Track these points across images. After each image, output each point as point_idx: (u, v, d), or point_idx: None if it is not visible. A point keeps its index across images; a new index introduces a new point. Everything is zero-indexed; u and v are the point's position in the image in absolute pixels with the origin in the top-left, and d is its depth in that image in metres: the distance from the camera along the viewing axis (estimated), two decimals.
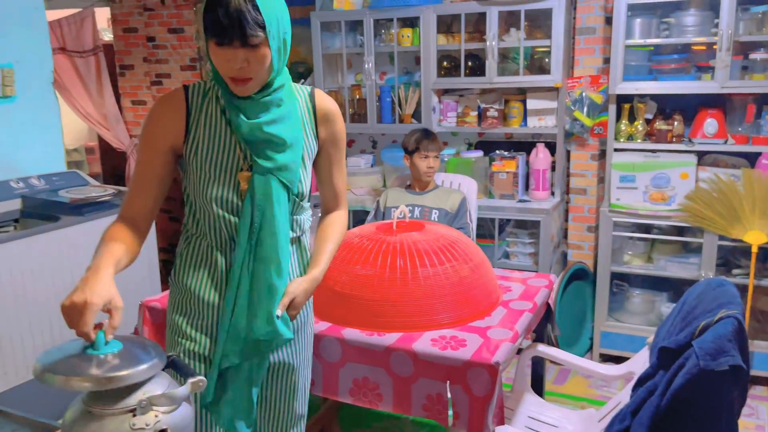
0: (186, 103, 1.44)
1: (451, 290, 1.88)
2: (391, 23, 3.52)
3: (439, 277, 1.88)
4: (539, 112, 3.34)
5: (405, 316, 1.84)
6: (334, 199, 1.65)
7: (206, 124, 1.43)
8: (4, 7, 3.11)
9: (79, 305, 1.14)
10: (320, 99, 1.53)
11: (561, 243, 3.48)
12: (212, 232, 1.46)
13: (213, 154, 1.42)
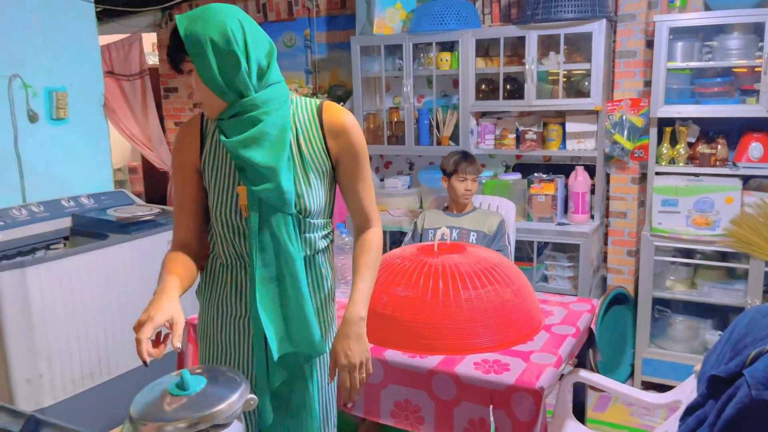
0: (201, 126, 1.52)
1: (494, 313, 1.88)
2: (430, 47, 3.56)
3: (481, 300, 1.88)
4: (578, 135, 3.33)
5: (447, 339, 1.84)
6: (364, 217, 1.57)
7: (212, 145, 1.50)
8: (61, 33, 3.25)
9: (143, 321, 1.24)
10: (328, 112, 1.49)
11: (600, 267, 3.44)
12: (223, 251, 1.51)
13: (217, 174, 1.48)
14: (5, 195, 3.01)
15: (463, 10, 3.44)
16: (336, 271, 2.35)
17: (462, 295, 1.88)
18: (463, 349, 1.83)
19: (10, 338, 2.49)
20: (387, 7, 3.65)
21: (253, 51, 1.38)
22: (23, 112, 3.11)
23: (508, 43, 3.39)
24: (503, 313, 1.89)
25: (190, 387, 1.16)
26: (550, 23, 3.15)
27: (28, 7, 3.10)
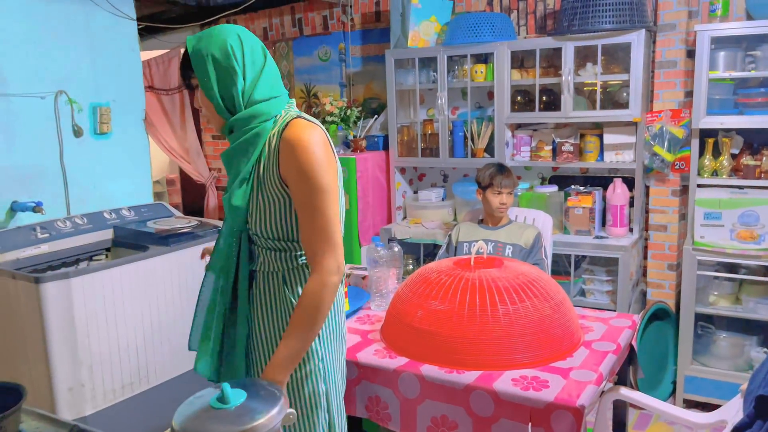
0: None
1: (532, 329, 1.85)
2: (465, 59, 3.56)
3: (519, 315, 1.86)
4: (616, 146, 3.27)
5: (484, 354, 1.82)
6: (308, 256, 1.44)
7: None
8: (105, 50, 3.35)
9: None
10: (289, 129, 1.43)
11: (640, 281, 3.37)
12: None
13: None
14: (51, 207, 3.10)
15: (498, 22, 3.43)
16: (371, 283, 2.36)
17: (499, 309, 1.86)
18: (500, 365, 1.81)
19: (53, 347, 2.55)
20: (422, 20, 3.66)
21: (249, 67, 1.46)
22: (69, 127, 3.20)
23: (544, 54, 3.37)
24: (542, 329, 1.87)
25: (231, 400, 1.17)
26: (587, 34, 3.11)
27: (74, 26, 3.21)
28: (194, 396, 1.22)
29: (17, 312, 2.63)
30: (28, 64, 3.03)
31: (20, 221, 3.00)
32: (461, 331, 1.86)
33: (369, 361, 1.91)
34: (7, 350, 2.77)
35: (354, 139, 3.95)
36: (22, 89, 3.01)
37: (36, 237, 2.90)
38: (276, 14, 4.62)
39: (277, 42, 4.71)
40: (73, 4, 3.20)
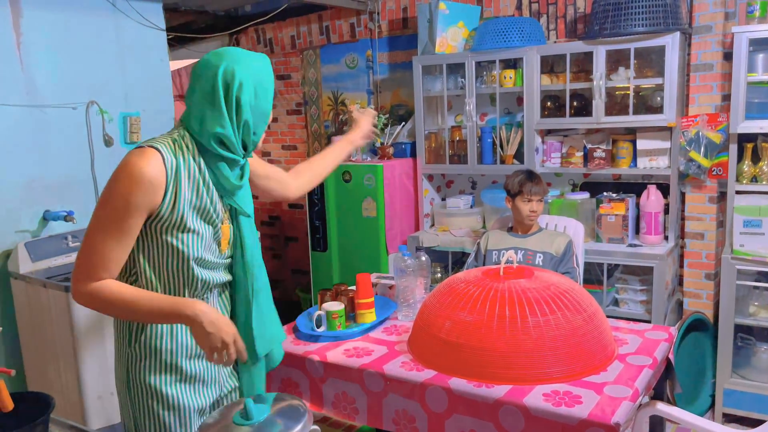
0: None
1: (564, 342, 1.80)
2: (493, 65, 3.51)
3: (550, 327, 1.80)
4: (650, 152, 3.19)
5: (514, 368, 1.77)
6: None
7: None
8: (135, 60, 3.39)
9: (234, 334, 1.45)
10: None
11: (676, 290, 3.27)
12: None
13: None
14: (82, 217, 3.14)
15: (528, 26, 3.38)
16: (398, 293, 2.32)
17: (530, 321, 1.81)
18: (531, 378, 1.76)
19: (83, 355, 2.58)
20: (449, 25, 3.63)
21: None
22: (99, 137, 3.25)
23: (575, 58, 3.30)
24: (574, 342, 1.81)
25: (254, 416, 1.15)
26: (620, 37, 3.04)
27: (104, 37, 3.26)
28: (217, 411, 1.20)
29: (49, 320, 2.67)
30: (61, 76, 3.08)
31: (52, 230, 3.04)
32: (490, 343, 1.81)
33: (396, 373, 1.88)
34: (40, 358, 2.81)
35: (381, 146, 3.93)
36: (54, 100, 3.06)
37: (67, 246, 2.94)
38: (303, 22, 4.63)
39: (304, 50, 4.72)
40: (104, 16, 3.24)
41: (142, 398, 1.52)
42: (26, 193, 2.97)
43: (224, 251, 1.56)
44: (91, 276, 1.40)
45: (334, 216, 3.94)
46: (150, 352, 1.50)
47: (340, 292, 2.32)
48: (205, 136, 1.44)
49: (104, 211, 1.40)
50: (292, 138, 4.99)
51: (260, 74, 1.48)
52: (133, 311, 1.43)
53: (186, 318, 1.40)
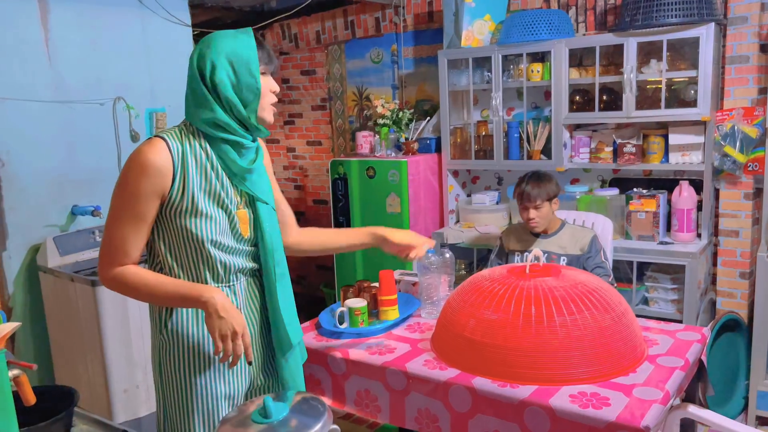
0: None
1: (591, 342, 1.75)
2: (520, 58, 3.45)
3: (578, 326, 1.75)
4: (683, 147, 3.10)
5: (540, 368, 1.73)
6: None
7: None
8: (161, 57, 3.41)
9: (244, 326, 1.45)
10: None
11: (709, 290, 3.18)
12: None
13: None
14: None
15: (556, 19, 3.30)
16: (422, 290, 2.29)
17: (556, 320, 1.76)
18: (557, 379, 1.71)
19: (109, 349, 2.60)
20: (476, 19, 3.57)
21: None
22: (126, 133, 3.27)
23: (604, 51, 3.22)
24: (602, 342, 1.76)
25: (273, 415, 1.13)
26: (652, 29, 2.96)
27: (131, 34, 3.28)
28: (236, 409, 1.18)
29: (76, 314, 2.70)
30: (88, 72, 3.12)
31: (80, 225, 3.08)
32: (515, 342, 1.77)
33: (418, 371, 1.85)
34: (68, 352, 2.85)
35: (406, 141, 3.90)
36: (82, 96, 3.09)
37: (95, 240, 2.97)
38: (328, 17, 4.61)
39: (329, 45, 4.71)
40: (130, 12, 3.27)
41: (171, 384, 1.56)
42: (55, 188, 3.01)
43: (246, 236, 1.57)
44: (113, 261, 1.47)
45: (359, 212, 3.92)
46: (178, 338, 1.54)
47: (363, 288, 2.30)
48: (199, 123, 1.48)
49: (118, 200, 1.46)
50: (316, 134, 4.99)
51: (234, 50, 1.46)
52: (154, 295, 1.48)
53: (201, 302, 1.43)
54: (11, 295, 2.91)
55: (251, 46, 1.47)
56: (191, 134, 1.49)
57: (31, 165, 2.92)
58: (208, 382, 1.55)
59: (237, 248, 1.56)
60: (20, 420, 1.25)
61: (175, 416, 1.57)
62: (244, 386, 1.62)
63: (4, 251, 2.87)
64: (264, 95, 1.50)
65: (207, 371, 1.55)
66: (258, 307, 1.64)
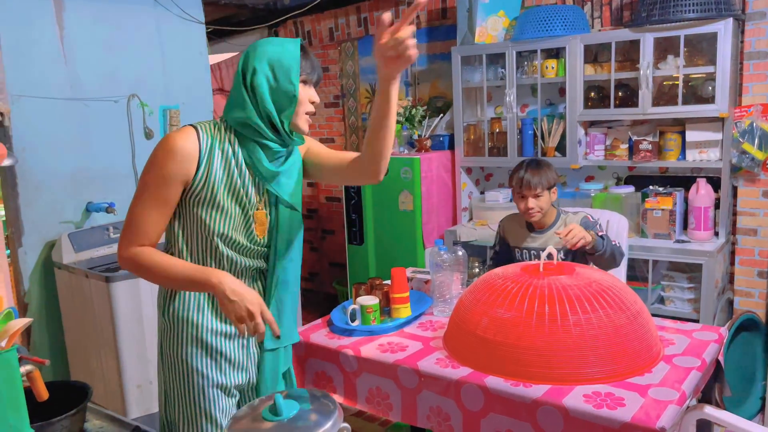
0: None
1: (605, 340, 1.72)
2: (534, 55, 3.42)
3: (592, 325, 1.73)
4: (700, 144, 3.05)
5: (553, 367, 1.71)
6: None
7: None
8: (175, 54, 3.42)
9: (260, 304, 1.45)
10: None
11: (726, 289, 3.13)
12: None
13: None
14: (123, 208, 3.19)
15: (571, 14, 3.27)
16: (434, 288, 2.28)
17: (570, 319, 1.74)
18: (571, 378, 1.69)
19: (123, 345, 2.62)
20: (489, 15, 3.55)
21: None
22: (140, 130, 3.29)
23: (620, 47, 3.18)
24: (616, 341, 1.73)
25: (284, 412, 1.13)
26: (669, 24, 2.91)
27: (145, 31, 3.29)
28: (246, 407, 1.18)
29: (90, 310, 2.72)
30: (103, 69, 3.13)
31: (94, 221, 3.10)
32: (529, 341, 1.75)
33: (430, 369, 1.84)
34: (83, 347, 2.87)
35: (419, 138, 3.88)
36: (97, 93, 3.11)
37: (109, 237, 2.99)
38: (341, 14, 4.60)
39: (342, 42, 4.70)
40: (145, 10, 3.28)
41: (171, 368, 1.61)
42: (70, 184, 3.04)
43: (261, 237, 1.60)
44: (132, 241, 1.51)
45: (371, 209, 3.92)
46: (178, 323, 1.58)
47: (374, 286, 2.29)
48: (232, 121, 1.54)
49: (144, 182, 1.50)
50: (329, 131, 4.98)
51: (277, 56, 1.50)
52: (166, 277, 1.50)
53: (211, 286, 1.45)
54: (27, 291, 2.94)
55: (294, 54, 1.51)
56: (224, 130, 1.54)
57: (47, 162, 2.94)
58: (204, 369, 1.59)
59: (249, 248, 1.59)
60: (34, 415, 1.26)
61: (173, 399, 1.62)
62: (241, 379, 1.65)
63: (20, 247, 2.90)
64: (301, 103, 1.54)
65: (204, 358, 1.59)
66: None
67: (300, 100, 1.53)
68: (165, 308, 1.60)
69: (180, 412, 1.62)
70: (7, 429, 1.13)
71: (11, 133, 2.83)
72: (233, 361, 1.63)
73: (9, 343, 1.15)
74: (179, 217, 1.55)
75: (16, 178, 2.86)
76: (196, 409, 1.60)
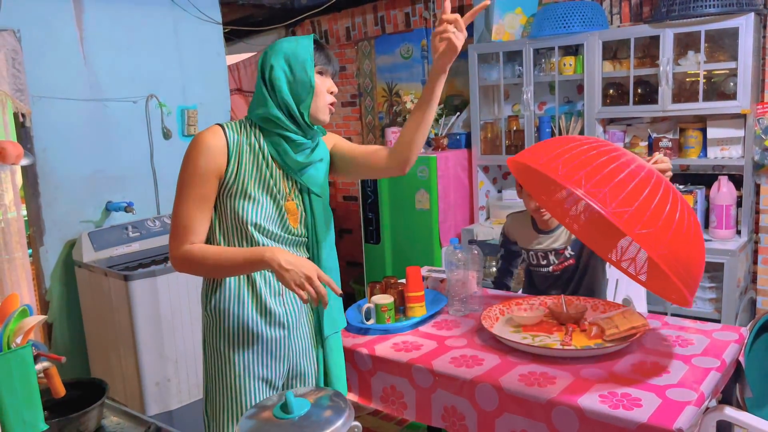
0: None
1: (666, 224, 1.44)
2: (552, 52, 3.39)
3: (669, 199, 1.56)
4: (722, 141, 3.00)
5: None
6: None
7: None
8: (192, 54, 3.45)
9: (316, 269, 1.50)
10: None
11: (749, 288, 3.08)
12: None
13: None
14: (142, 207, 3.23)
15: (589, 11, 3.23)
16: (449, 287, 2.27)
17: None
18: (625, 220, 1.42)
19: (141, 343, 2.65)
20: (506, 12, 3.52)
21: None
22: (158, 130, 3.32)
23: (639, 43, 3.14)
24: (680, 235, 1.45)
25: (294, 410, 1.13)
26: (689, 20, 2.87)
27: (163, 32, 3.33)
28: (257, 405, 1.19)
29: (109, 308, 2.75)
30: (122, 70, 3.17)
31: (114, 221, 3.14)
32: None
33: (445, 369, 1.83)
34: (102, 345, 2.91)
35: (435, 137, 3.87)
36: (116, 94, 3.15)
37: (128, 236, 3.03)
38: (358, 13, 4.61)
39: (359, 41, 4.70)
40: (162, 11, 3.31)
41: (213, 361, 1.65)
42: (90, 184, 3.08)
43: (295, 227, 1.65)
44: (181, 241, 1.57)
45: (387, 208, 3.91)
46: (220, 316, 1.62)
47: (389, 285, 2.29)
48: (255, 118, 1.61)
49: (180, 182, 1.57)
50: (346, 130, 4.99)
51: (292, 50, 1.57)
52: (221, 265, 1.54)
53: (265, 261, 1.49)
54: (48, 289, 2.99)
55: (308, 47, 1.57)
56: (249, 127, 1.61)
57: (67, 162, 2.99)
58: (246, 363, 1.62)
59: (285, 237, 1.65)
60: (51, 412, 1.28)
61: (215, 393, 1.65)
62: (282, 370, 1.69)
63: (41, 246, 2.95)
64: (319, 94, 1.59)
65: (246, 351, 1.62)
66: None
67: (318, 90, 1.58)
68: (207, 302, 1.64)
69: (222, 407, 1.65)
70: (21, 425, 1.14)
71: (32, 133, 2.88)
72: (275, 354, 1.66)
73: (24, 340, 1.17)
74: (215, 211, 1.61)
75: (37, 178, 2.90)
76: (236, 403, 1.63)
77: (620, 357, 1.79)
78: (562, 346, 1.87)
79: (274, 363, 1.66)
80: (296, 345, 1.71)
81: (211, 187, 1.56)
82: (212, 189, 1.56)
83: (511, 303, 2.14)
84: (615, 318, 1.89)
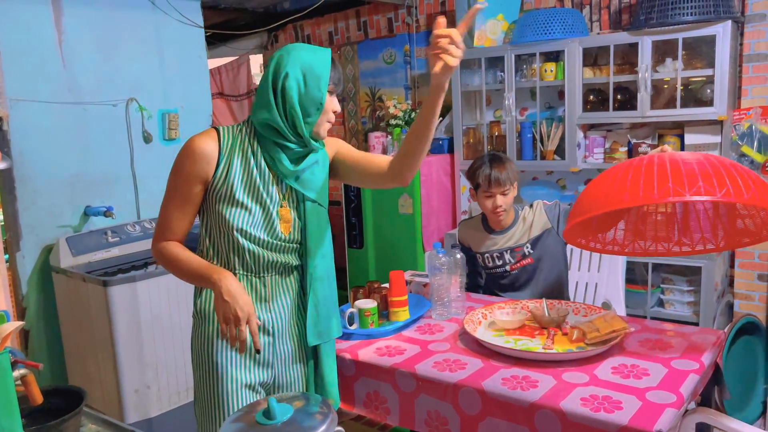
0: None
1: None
2: (534, 58, 3.42)
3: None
4: (699, 147, 3.05)
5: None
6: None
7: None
8: (174, 58, 3.43)
9: (250, 313, 1.50)
10: None
11: (726, 292, 3.12)
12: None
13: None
14: (122, 212, 3.19)
15: (569, 18, 3.27)
16: (432, 291, 2.27)
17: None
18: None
19: (120, 349, 2.61)
20: (488, 18, 3.55)
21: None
22: (139, 134, 3.29)
23: (619, 50, 3.18)
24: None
25: (277, 416, 1.12)
26: (667, 27, 2.91)
27: (144, 35, 3.30)
28: (240, 410, 1.18)
29: (87, 314, 2.72)
30: (101, 73, 3.14)
31: (93, 225, 3.10)
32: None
33: (428, 373, 1.83)
34: (80, 352, 2.86)
35: None
36: (95, 98, 3.11)
37: (107, 241, 2.99)
38: (341, 18, 4.61)
39: (342, 46, 4.70)
40: (144, 15, 3.28)
41: (199, 363, 1.66)
42: (69, 188, 3.04)
43: (286, 234, 1.64)
44: (159, 236, 1.62)
45: (371, 213, 3.91)
46: (204, 318, 1.64)
47: (373, 289, 2.29)
48: (256, 122, 1.59)
49: (168, 182, 1.60)
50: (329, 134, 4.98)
51: (310, 63, 1.54)
52: (182, 270, 1.59)
53: (211, 282, 1.52)
54: (25, 295, 2.94)
55: (327, 63, 1.55)
56: (246, 131, 1.61)
57: (45, 166, 2.94)
58: (229, 366, 1.62)
59: (274, 243, 1.63)
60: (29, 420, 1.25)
61: (202, 395, 1.67)
62: (267, 376, 1.68)
63: (18, 252, 2.90)
64: (325, 112, 1.59)
65: (228, 355, 1.63)
66: (291, 303, 1.69)
67: (324, 109, 1.58)
68: (194, 304, 1.67)
69: (208, 409, 1.66)
70: None
71: (9, 137, 2.83)
72: (258, 359, 1.65)
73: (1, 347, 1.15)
74: (203, 213, 1.62)
75: (14, 182, 2.86)
76: (221, 407, 1.64)
77: (601, 360, 1.81)
78: (544, 349, 1.88)
79: (257, 369, 1.66)
80: (281, 352, 1.70)
81: (195, 191, 1.57)
82: (196, 192, 1.57)
83: (494, 307, 2.16)
84: (596, 321, 1.90)
